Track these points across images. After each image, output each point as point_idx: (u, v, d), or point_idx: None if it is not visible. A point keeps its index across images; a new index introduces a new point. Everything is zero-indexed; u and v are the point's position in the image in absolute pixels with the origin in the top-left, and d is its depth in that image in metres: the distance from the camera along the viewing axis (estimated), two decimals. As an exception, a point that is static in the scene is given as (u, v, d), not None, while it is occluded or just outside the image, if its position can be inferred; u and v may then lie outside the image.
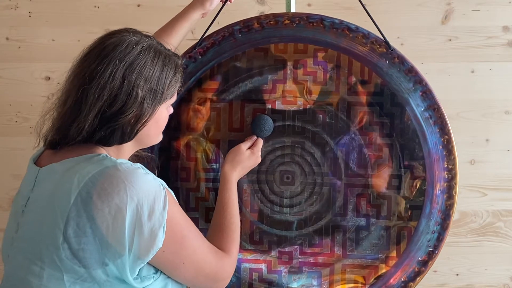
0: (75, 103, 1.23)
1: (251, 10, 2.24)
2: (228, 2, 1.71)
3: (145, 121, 1.28)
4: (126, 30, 1.30)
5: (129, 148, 1.34)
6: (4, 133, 2.32)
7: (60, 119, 1.26)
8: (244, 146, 1.57)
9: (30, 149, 2.28)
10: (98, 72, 1.22)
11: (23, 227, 1.25)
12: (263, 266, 1.65)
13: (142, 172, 1.21)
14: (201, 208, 1.66)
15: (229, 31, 1.64)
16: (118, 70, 1.22)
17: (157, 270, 1.27)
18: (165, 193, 1.23)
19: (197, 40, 1.65)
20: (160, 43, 1.33)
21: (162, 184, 1.25)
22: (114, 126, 1.24)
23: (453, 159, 1.59)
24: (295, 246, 1.64)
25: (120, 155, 1.31)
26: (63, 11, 2.29)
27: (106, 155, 1.24)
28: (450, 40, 2.23)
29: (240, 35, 1.64)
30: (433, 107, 1.59)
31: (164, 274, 1.28)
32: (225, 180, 1.52)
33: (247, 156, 1.56)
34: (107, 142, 1.26)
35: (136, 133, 1.28)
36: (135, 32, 1.30)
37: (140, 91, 1.24)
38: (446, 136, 1.59)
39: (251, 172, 1.62)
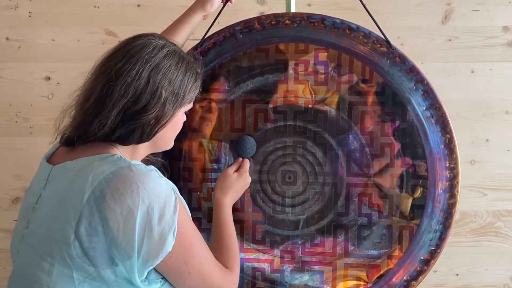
0: (99, 99, 1.25)
1: (251, 10, 2.24)
2: (229, 2, 1.71)
3: (165, 123, 1.31)
4: (151, 35, 1.34)
5: (143, 150, 1.36)
6: (4, 133, 2.32)
7: (83, 114, 1.27)
8: (231, 169, 1.59)
9: (30, 149, 2.31)
10: (125, 71, 1.25)
11: (34, 223, 1.26)
12: (265, 266, 1.65)
13: (155, 175, 1.23)
14: (204, 208, 1.66)
15: (230, 31, 1.65)
16: (144, 70, 1.26)
17: None
18: (176, 197, 1.24)
19: (198, 41, 1.65)
20: (183, 50, 1.36)
21: (173, 189, 1.26)
22: (135, 124, 1.26)
23: (455, 158, 1.59)
24: (298, 245, 1.64)
25: (134, 156, 1.33)
26: (63, 11, 2.29)
27: (121, 156, 1.25)
28: (450, 40, 2.23)
29: (241, 36, 1.64)
30: (435, 106, 1.59)
31: None
32: (218, 206, 1.53)
33: (235, 179, 1.57)
34: (125, 140, 1.28)
35: (155, 134, 1.31)
36: (160, 37, 1.34)
37: (164, 92, 1.27)
38: (448, 135, 1.59)
39: (252, 172, 1.63)
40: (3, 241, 2.34)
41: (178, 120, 1.36)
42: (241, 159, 1.63)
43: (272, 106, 1.64)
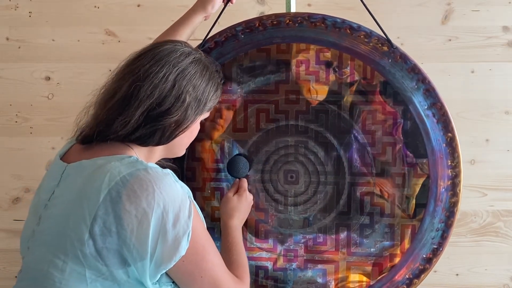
0: (124, 97, 1.27)
1: (251, 10, 2.24)
2: (230, 3, 1.71)
3: (185, 128, 1.33)
4: (178, 41, 1.37)
5: (158, 154, 1.37)
6: (4, 133, 2.31)
7: (106, 111, 1.29)
8: (230, 193, 1.60)
9: (30, 149, 2.31)
10: (153, 72, 1.27)
11: (47, 220, 1.26)
12: (268, 264, 1.65)
13: (171, 179, 1.24)
14: (207, 207, 1.67)
15: (232, 32, 1.65)
16: (171, 74, 1.29)
17: None
18: (190, 202, 1.25)
19: (201, 41, 1.65)
20: (207, 59, 1.40)
21: (188, 194, 1.28)
22: (157, 126, 1.28)
23: (457, 157, 1.59)
24: (300, 244, 1.64)
25: (149, 159, 1.34)
26: (63, 11, 2.29)
27: (137, 158, 1.27)
28: (450, 40, 2.24)
29: (242, 36, 1.64)
30: (437, 105, 1.59)
31: None
32: (227, 229, 1.54)
33: (237, 201, 1.58)
34: (144, 141, 1.30)
35: (174, 137, 1.33)
36: (186, 44, 1.38)
37: (188, 97, 1.30)
38: (450, 134, 1.59)
39: (255, 171, 1.64)
40: (3, 241, 2.34)
41: (195, 127, 1.38)
42: (237, 180, 1.63)
43: (274, 106, 1.64)
